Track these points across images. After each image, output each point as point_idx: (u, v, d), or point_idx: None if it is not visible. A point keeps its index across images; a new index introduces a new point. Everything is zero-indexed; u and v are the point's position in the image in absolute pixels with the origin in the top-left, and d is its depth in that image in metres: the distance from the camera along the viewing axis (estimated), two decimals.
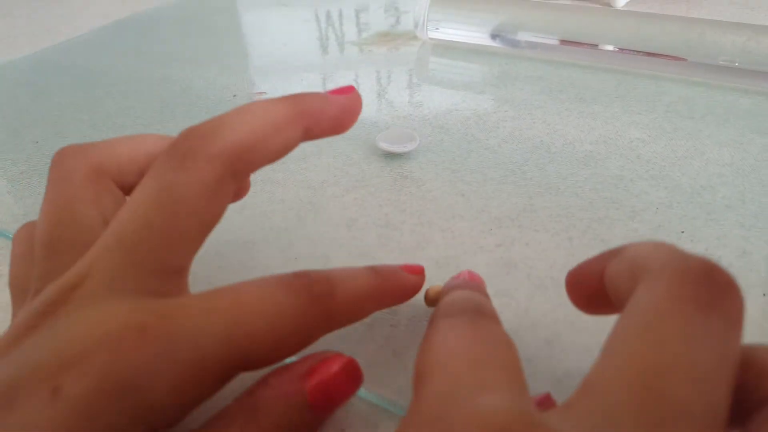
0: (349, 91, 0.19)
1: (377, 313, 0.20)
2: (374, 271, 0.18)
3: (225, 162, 0.15)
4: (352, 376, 0.16)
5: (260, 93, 0.38)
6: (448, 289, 0.19)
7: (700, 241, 0.23)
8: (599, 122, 0.33)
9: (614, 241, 0.24)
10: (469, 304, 0.16)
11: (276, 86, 0.40)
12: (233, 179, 0.16)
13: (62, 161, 0.17)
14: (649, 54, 0.37)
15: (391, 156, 0.30)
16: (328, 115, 0.18)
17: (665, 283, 0.12)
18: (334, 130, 0.18)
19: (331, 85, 0.40)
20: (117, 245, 0.15)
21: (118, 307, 0.14)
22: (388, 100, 0.37)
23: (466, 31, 0.42)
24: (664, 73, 0.38)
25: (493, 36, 0.41)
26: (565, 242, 0.24)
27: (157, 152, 0.18)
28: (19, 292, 0.17)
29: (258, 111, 0.16)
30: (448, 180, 0.28)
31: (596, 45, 0.38)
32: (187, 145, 0.15)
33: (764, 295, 0.21)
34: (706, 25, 0.36)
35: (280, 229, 0.25)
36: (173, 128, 0.34)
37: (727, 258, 0.22)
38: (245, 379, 0.15)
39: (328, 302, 0.16)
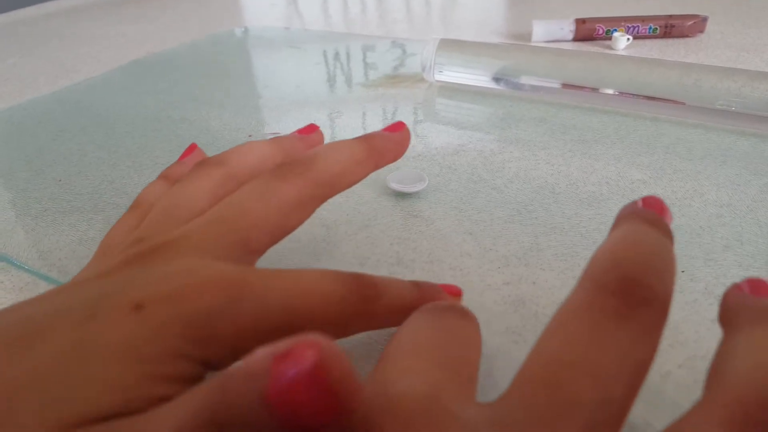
0: (400, 127, 0.23)
1: None
2: (417, 286, 0.20)
3: (315, 185, 0.19)
4: (324, 386, 0.10)
5: (275, 134, 0.40)
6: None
7: (700, 280, 0.24)
8: (601, 163, 0.34)
9: None
10: (441, 303, 0.18)
11: (289, 127, 0.41)
12: (315, 201, 0.20)
13: (202, 167, 0.21)
14: (648, 98, 0.38)
15: (401, 195, 0.32)
16: (389, 150, 0.22)
17: (583, 293, 0.14)
18: (392, 161, 0.23)
19: (341, 125, 0.41)
20: (214, 220, 0.18)
21: (203, 264, 0.16)
22: None
23: (471, 75, 0.44)
24: (663, 115, 0.39)
25: (497, 79, 0.43)
26: (571, 281, 0.25)
27: (271, 159, 0.23)
28: (106, 248, 0.20)
29: (344, 149, 0.21)
30: (456, 219, 0.29)
31: (597, 89, 0.40)
32: (290, 167, 0.19)
33: None
34: (703, 70, 0.37)
35: (296, 267, 0.26)
36: None
37: None
38: None
39: (372, 304, 0.18)
